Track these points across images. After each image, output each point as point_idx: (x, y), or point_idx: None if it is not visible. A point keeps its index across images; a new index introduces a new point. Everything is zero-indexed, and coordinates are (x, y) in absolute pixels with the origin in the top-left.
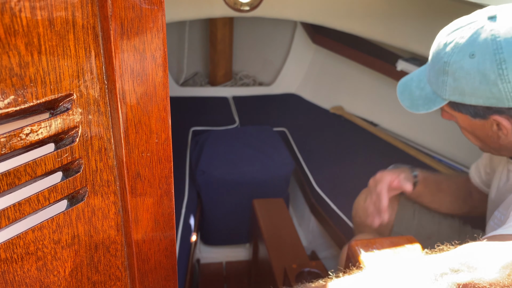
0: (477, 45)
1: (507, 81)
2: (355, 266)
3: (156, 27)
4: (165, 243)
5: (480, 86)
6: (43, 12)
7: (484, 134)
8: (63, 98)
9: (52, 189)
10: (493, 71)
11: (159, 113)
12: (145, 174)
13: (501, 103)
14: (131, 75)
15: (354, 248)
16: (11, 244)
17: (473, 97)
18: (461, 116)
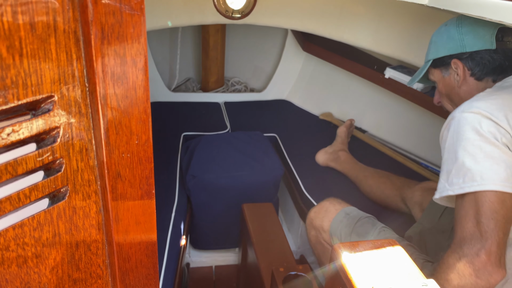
0: (449, 20)
1: (462, 34)
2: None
3: (136, 32)
4: (146, 242)
5: (447, 40)
6: (24, 16)
7: (451, 87)
8: (44, 100)
9: (33, 187)
10: (454, 29)
11: (140, 115)
12: (125, 174)
13: (458, 50)
14: (112, 78)
15: (337, 250)
16: None
17: (442, 49)
18: (438, 74)
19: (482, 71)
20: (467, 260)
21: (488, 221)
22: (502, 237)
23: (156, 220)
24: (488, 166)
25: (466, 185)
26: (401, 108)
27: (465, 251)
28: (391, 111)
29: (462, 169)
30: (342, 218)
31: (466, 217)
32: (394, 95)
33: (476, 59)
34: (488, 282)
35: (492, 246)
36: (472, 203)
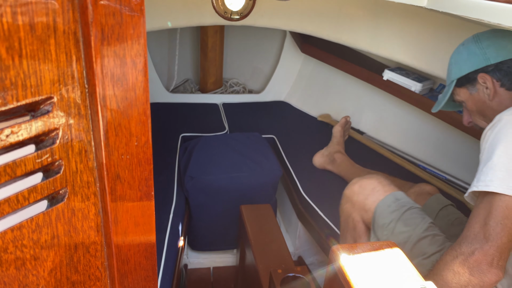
0: (465, 40)
1: (483, 48)
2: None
3: (136, 34)
4: (145, 244)
5: (468, 56)
6: (24, 17)
7: (481, 102)
8: (44, 101)
9: (32, 189)
10: (474, 45)
11: (139, 117)
12: (124, 176)
13: (482, 63)
14: (112, 79)
15: (335, 252)
16: None
17: (464, 66)
18: (465, 93)
19: (511, 80)
20: (463, 258)
21: (496, 225)
22: (506, 243)
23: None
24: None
25: (492, 183)
26: (399, 110)
27: (462, 250)
28: (389, 113)
29: (493, 168)
30: (390, 202)
31: (477, 217)
32: (392, 97)
33: (503, 69)
34: (481, 281)
35: (491, 248)
36: (487, 205)
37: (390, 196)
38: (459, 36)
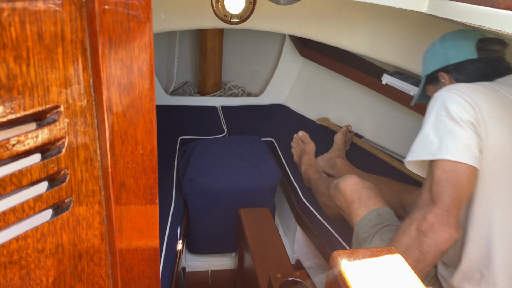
0: (436, 39)
1: (445, 48)
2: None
3: (143, 42)
4: (149, 252)
5: (432, 56)
6: (32, 26)
7: None
8: (50, 110)
9: (38, 198)
10: (438, 45)
11: (145, 125)
12: (130, 184)
13: (443, 63)
14: (118, 88)
15: (336, 258)
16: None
17: (430, 65)
18: (432, 89)
19: (467, 80)
20: (417, 223)
21: (437, 187)
22: (450, 202)
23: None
24: (446, 140)
25: (423, 153)
26: (398, 114)
27: (416, 216)
28: (388, 117)
29: (424, 140)
30: (372, 218)
31: (424, 186)
32: (391, 101)
33: (460, 70)
34: (435, 240)
35: (438, 209)
36: (429, 173)
37: (373, 212)
38: None
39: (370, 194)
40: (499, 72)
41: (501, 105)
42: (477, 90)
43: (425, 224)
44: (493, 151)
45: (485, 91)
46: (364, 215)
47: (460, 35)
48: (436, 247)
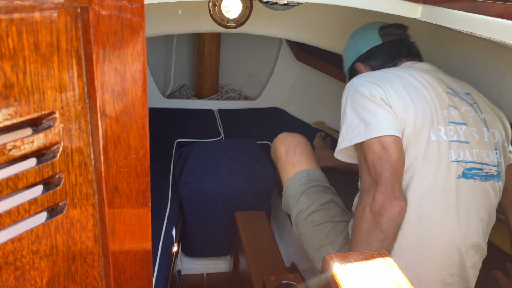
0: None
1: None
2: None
3: (136, 50)
4: (141, 254)
5: (347, 52)
6: (29, 36)
7: None
8: (46, 116)
9: (33, 201)
10: (349, 41)
11: (138, 131)
12: (123, 188)
13: (356, 55)
14: (112, 94)
15: (328, 261)
16: None
17: (347, 61)
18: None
19: (377, 62)
20: (368, 206)
21: (375, 167)
22: (390, 177)
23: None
24: (368, 119)
25: (354, 138)
26: None
27: (365, 199)
28: None
29: (351, 126)
30: (301, 177)
31: (362, 169)
32: None
33: (370, 56)
34: (389, 216)
35: (382, 187)
36: (362, 155)
37: (303, 172)
38: (452, 46)
39: (297, 149)
40: (405, 52)
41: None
42: (378, 74)
43: (376, 204)
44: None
45: (385, 74)
46: (295, 173)
47: (365, 27)
48: (392, 221)
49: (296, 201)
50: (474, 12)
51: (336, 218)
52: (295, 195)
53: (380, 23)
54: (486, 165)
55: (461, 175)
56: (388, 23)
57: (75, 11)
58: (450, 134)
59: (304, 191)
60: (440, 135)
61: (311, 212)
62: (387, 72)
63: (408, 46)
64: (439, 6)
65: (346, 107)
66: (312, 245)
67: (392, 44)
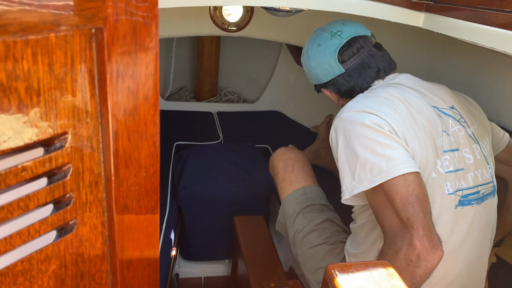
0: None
1: (314, 68)
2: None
3: (149, 70)
4: (149, 271)
5: (309, 72)
6: (43, 57)
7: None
8: (58, 136)
9: (43, 221)
10: (308, 62)
11: (149, 149)
12: (132, 206)
13: (317, 81)
14: (124, 114)
15: (330, 271)
16: (0, 276)
17: (310, 79)
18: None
19: (347, 91)
20: (403, 252)
21: (406, 207)
22: (424, 217)
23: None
24: (388, 154)
25: (376, 177)
26: None
27: (398, 245)
28: None
29: (367, 164)
30: (298, 195)
31: (387, 211)
32: None
33: (335, 85)
34: (426, 268)
35: (419, 230)
36: (386, 196)
37: (300, 190)
38: (453, 53)
39: (295, 166)
40: (374, 73)
41: (397, 113)
42: (371, 103)
43: (413, 252)
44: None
45: (379, 101)
46: (292, 191)
47: (320, 50)
48: (427, 275)
49: (293, 221)
50: (477, 22)
51: (332, 239)
52: (292, 214)
53: (335, 46)
54: (482, 185)
55: (457, 204)
56: (341, 44)
57: (89, 31)
58: (445, 165)
59: (301, 210)
60: (438, 169)
61: (307, 232)
62: (379, 98)
63: (375, 64)
64: (441, 15)
65: (351, 143)
66: (309, 267)
67: (356, 70)
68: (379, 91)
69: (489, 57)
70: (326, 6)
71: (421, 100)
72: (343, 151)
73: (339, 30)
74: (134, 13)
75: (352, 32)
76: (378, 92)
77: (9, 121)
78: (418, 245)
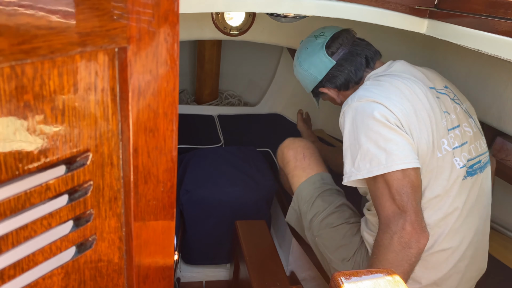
0: (295, 59)
1: (307, 70)
2: None
3: (170, 87)
4: (164, 284)
5: (303, 79)
6: (69, 77)
7: (336, 102)
8: (80, 154)
9: (64, 238)
10: (301, 69)
11: (167, 164)
12: (150, 220)
13: (315, 81)
14: (145, 131)
15: (336, 279)
16: None
17: (307, 86)
18: (324, 97)
19: (343, 82)
20: (397, 236)
21: (401, 196)
22: (416, 205)
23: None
24: (389, 149)
25: (374, 168)
26: None
27: (393, 229)
28: None
29: (368, 154)
30: (315, 180)
31: (383, 197)
32: None
33: (331, 79)
34: (418, 249)
35: (411, 216)
36: (384, 184)
37: (317, 176)
38: (455, 58)
39: (305, 153)
40: (364, 63)
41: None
42: (381, 92)
43: (406, 235)
44: (416, 150)
45: (388, 90)
46: (308, 177)
47: (309, 51)
48: (419, 255)
49: (311, 204)
50: (481, 30)
51: (351, 220)
52: (310, 198)
53: (321, 41)
54: (482, 155)
55: (466, 175)
56: (328, 38)
57: (113, 51)
58: (452, 142)
59: (319, 194)
60: (444, 148)
61: (328, 214)
62: (386, 86)
63: (362, 52)
64: (445, 22)
65: (357, 133)
66: (330, 246)
67: (346, 59)
68: (385, 80)
69: (490, 63)
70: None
71: (420, 85)
72: (348, 138)
73: (321, 32)
74: (156, 32)
75: (334, 30)
76: (384, 80)
77: (34, 141)
78: (409, 228)
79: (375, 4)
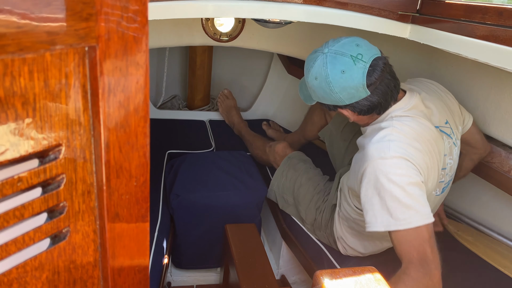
0: (317, 72)
1: (337, 93)
2: None
3: (140, 84)
4: (139, 276)
5: (324, 95)
6: (39, 74)
7: (345, 117)
8: (53, 148)
9: (37, 229)
10: (327, 87)
11: (139, 159)
12: (123, 214)
13: (340, 103)
14: (116, 126)
15: (318, 277)
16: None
17: (324, 99)
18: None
19: (366, 111)
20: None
21: (424, 247)
22: (436, 255)
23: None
24: (421, 204)
25: (413, 219)
26: None
27: (413, 275)
28: None
29: (406, 206)
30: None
31: (410, 246)
32: None
33: (357, 106)
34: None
35: (434, 269)
36: (413, 235)
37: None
38: (439, 64)
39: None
40: (395, 96)
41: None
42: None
43: (430, 281)
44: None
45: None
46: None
47: (346, 77)
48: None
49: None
50: (460, 34)
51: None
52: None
53: (360, 64)
54: (452, 174)
55: (436, 195)
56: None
57: (83, 49)
58: (439, 178)
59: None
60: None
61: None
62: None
63: (394, 85)
64: (427, 27)
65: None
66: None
67: (379, 92)
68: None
69: (474, 67)
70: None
71: (433, 130)
72: (366, 193)
73: (359, 53)
74: (125, 31)
75: (371, 54)
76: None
77: (6, 135)
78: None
79: (359, 10)
